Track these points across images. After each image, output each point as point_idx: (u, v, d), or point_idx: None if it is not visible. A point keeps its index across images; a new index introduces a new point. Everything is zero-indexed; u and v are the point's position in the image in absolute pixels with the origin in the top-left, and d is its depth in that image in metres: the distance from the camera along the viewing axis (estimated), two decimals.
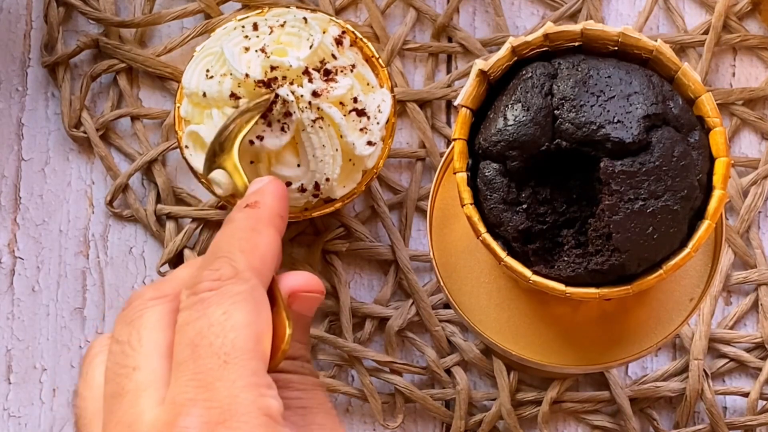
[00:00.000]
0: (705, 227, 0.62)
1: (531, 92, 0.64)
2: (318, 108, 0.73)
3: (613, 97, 0.63)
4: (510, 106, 0.64)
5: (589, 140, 0.62)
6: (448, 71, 0.86)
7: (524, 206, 0.64)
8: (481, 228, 0.63)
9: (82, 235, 0.84)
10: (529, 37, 0.64)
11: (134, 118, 0.85)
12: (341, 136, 0.74)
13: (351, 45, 0.77)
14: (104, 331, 0.83)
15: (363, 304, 0.82)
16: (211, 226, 0.83)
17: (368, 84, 0.76)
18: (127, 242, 0.84)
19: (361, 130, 0.74)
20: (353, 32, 0.77)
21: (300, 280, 0.58)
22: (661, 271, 0.62)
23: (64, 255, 0.84)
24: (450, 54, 0.86)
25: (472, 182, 0.64)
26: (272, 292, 0.57)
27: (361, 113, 0.75)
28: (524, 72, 0.64)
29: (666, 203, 0.61)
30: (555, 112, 0.63)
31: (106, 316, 0.83)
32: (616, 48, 0.64)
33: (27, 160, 0.85)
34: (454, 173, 0.64)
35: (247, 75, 0.73)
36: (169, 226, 0.83)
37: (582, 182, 0.64)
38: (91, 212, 0.84)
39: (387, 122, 0.76)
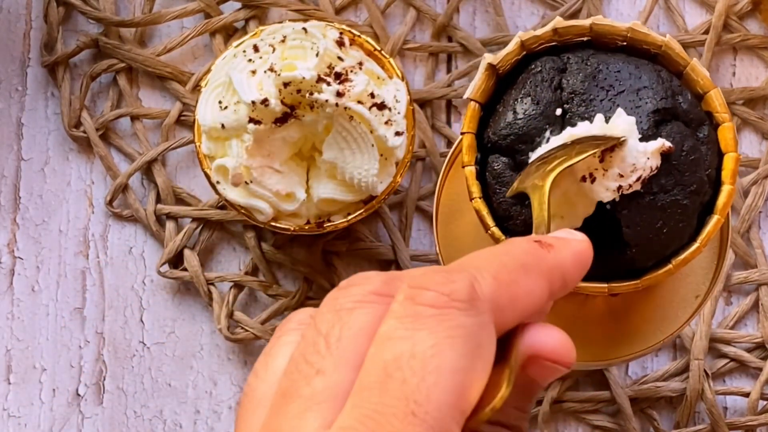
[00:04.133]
0: (714, 222, 0.62)
1: (540, 86, 0.63)
2: (346, 108, 0.73)
3: (623, 91, 0.63)
4: (519, 99, 0.64)
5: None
6: (448, 71, 0.85)
7: None
8: (490, 222, 0.63)
9: (82, 235, 0.84)
10: (539, 32, 0.64)
11: (134, 118, 0.85)
12: (372, 131, 0.74)
13: (351, 44, 0.77)
14: (104, 331, 0.83)
15: None
16: (211, 225, 0.83)
17: (378, 77, 0.76)
18: (127, 242, 0.84)
19: (386, 123, 0.75)
20: (350, 31, 0.77)
21: (550, 344, 0.46)
22: (670, 266, 0.62)
23: (64, 255, 0.84)
24: (450, 54, 0.86)
25: (480, 176, 0.64)
26: (508, 344, 0.46)
27: (381, 107, 0.75)
28: (533, 66, 0.64)
29: (675, 197, 0.61)
30: (564, 106, 0.63)
31: (106, 316, 0.83)
32: (625, 43, 0.64)
33: (27, 160, 0.85)
34: (463, 167, 0.64)
35: (265, 100, 0.73)
36: (169, 226, 0.83)
37: None
38: (91, 212, 0.84)
39: (406, 110, 0.77)
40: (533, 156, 0.62)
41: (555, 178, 0.58)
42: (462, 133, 0.64)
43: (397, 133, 0.76)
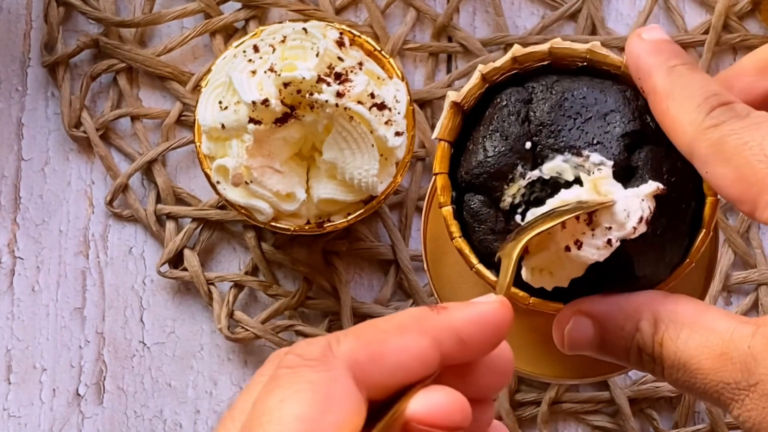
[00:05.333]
0: (702, 236, 0.62)
1: (508, 120, 0.63)
2: (346, 108, 0.73)
3: (590, 118, 0.62)
4: (488, 136, 0.63)
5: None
6: (448, 71, 0.86)
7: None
8: (473, 260, 0.63)
9: (82, 235, 0.84)
10: (498, 63, 0.64)
11: (134, 118, 0.85)
12: (372, 132, 0.74)
13: (351, 44, 0.77)
14: (104, 331, 0.83)
15: (363, 304, 0.82)
16: (211, 225, 0.83)
17: (379, 78, 0.76)
18: (127, 242, 0.84)
19: (386, 123, 0.75)
20: (350, 31, 0.77)
21: (423, 409, 0.47)
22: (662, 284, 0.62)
23: (64, 255, 0.84)
24: (450, 54, 0.86)
25: (458, 214, 0.64)
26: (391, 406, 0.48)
27: (381, 107, 0.75)
28: (499, 100, 0.63)
29: (669, 221, 0.61)
30: (533, 138, 0.62)
31: (106, 316, 0.83)
32: (585, 63, 0.64)
33: (27, 160, 0.85)
34: (440, 207, 0.63)
35: (265, 100, 0.73)
36: (169, 226, 0.83)
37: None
38: (91, 212, 0.84)
39: (406, 110, 0.77)
40: (507, 192, 0.62)
41: (544, 239, 0.59)
42: (435, 174, 0.63)
43: (397, 133, 0.76)
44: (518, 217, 0.63)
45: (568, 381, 0.74)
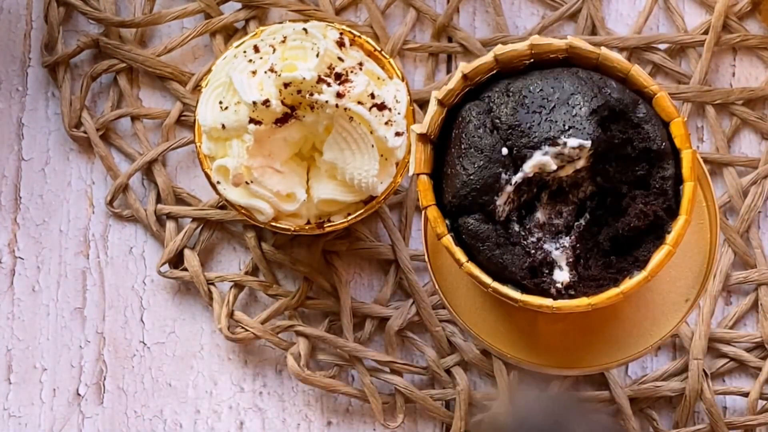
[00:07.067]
0: (682, 222, 0.62)
1: (476, 134, 0.63)
2: (346, 108, 0.73)
3: (554, 107, 0.62)
4: (463, 155, 0.63)
5: None
6: (448, 71, 0.86)
7: (519, 242, 0.64)
8: (487, 279, 0.63)
9: (82, 235, 0.84)
10: (450, 84, 0.64)
11: (134, 118, 0.85)
12: (372, 132, 0.74)
13: (351, 44, 0.77)
14: (104, 331, 0.83)
15: (363, 303, 0.82)
16: (211, 225, 0.83)
17: (379, 78, 0.77)
18: (127, 242, 0.84)
19: (386, 123, 0.75)
20: (350, 32, 0.78)
21: None
22: (645, 274, 0.62)
23: (64, 255, 0.84)
24: (450, 54, 0.86)
25: (457, 238, 0.64)
26: None
27: (381, 107, 0.75)
28: (461, 119, 0.64)
29: (650, 184, 0.62)
30: (507, 143, 0.63)
31: (106, 316, 0.83)
32: (532, 60, 0.64)
33: (27, 160, 0.85)
34: (439, 239, 0.63)
35: (266, 101, 0.73)
36: (169, 225, 0.83)
37: (558, 190, 0.64)
38: (91, 212, 0.84)
39: (406, 111, 0.77)
40: (498, 202, 0.62)
41: None
42: (424, 208, 0.63)
43: (398, 134, 0.76)
44: (515, 225, 0.63)
45: (569, 371, 0.74)
